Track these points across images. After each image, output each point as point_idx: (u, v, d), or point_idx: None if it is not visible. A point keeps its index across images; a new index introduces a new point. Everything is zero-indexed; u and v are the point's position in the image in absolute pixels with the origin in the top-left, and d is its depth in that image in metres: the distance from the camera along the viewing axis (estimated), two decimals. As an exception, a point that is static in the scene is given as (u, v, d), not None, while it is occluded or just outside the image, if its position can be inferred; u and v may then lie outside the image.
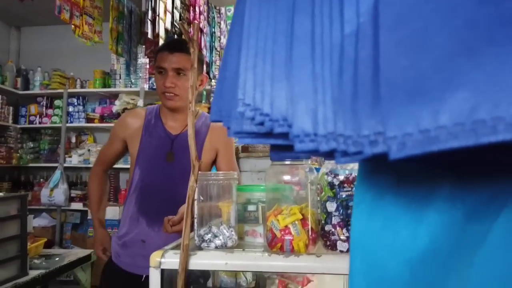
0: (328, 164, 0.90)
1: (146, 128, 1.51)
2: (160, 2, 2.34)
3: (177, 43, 1.52)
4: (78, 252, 2.36)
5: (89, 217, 3.68)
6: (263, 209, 0.96)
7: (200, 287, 1.07)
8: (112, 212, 3.61)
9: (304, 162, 0.88)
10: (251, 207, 0.98)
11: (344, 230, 0.83)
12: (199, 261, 0.83)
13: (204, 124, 1.52)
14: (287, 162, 0.88)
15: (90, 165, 4.05)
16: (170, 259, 0.84)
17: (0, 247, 1.69)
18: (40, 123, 4.32)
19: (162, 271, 0.84)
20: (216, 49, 3.49)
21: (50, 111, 4.32)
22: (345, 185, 0.84)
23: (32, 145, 4.33)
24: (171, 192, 1.41)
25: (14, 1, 2.53)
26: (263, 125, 0.29)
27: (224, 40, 3.43)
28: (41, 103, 4.37)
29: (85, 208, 3.90)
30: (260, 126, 0.29)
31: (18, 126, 4.30)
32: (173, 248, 0.90)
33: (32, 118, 4.33)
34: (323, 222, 0.87)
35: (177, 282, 0.81)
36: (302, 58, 0.26)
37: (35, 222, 3.81)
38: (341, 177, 0.85)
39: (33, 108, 4.34)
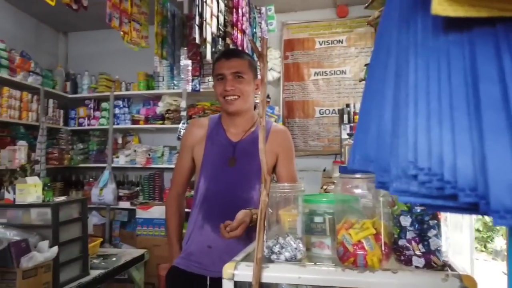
0: (399, 177, 0.88)
1: (209, 136, 1.56)
2: (207, 6, 2.38)
3: (233, 50, 1.56)
4: (132, 252, 2.45)
5: (137, 215, 3.82)
6: (330, 221, 0.96)
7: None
8: (158, 211, 3.73)
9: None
10: (317, 219, 0.97)
11: (420, 246, 0.81)
12: (272, 274, 0.84)
13: (266, 129, 1.53)
14: (357, 176, 0.87)
15: (137, 165, 4.20)
16: (243, 272, 0.86)
17: (65, 248, 1.79)
18: (88, 125, 4.51)
19: (235, 283, 0.86)
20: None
21: (97, 113, 4.50)
22: (420, 199, 0.82)
23: (81, 146, 4.54)
24: (233, 197, 1.44)
25: (61, 8, 2.66)
26: (443, 190, 0.28)
27: (267, 40, 3.43)
28: (89, 106, 4.56)
29: (133, 207, 4.04)
30: (438, 190, 0.29)
31: (69, 128, 4.51)
32: (243, 260, 0.92)
33: (81, 120, 4.53)
34: (396, 236, 0.85)
35: (252, 295, 0.82)
36: (496, 130, 0.26)
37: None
38: (415, 191, 0.83)
39: (81, 111, 4.54)
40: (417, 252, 0.81)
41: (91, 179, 4.46)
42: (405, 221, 0.83)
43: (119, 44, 3.20)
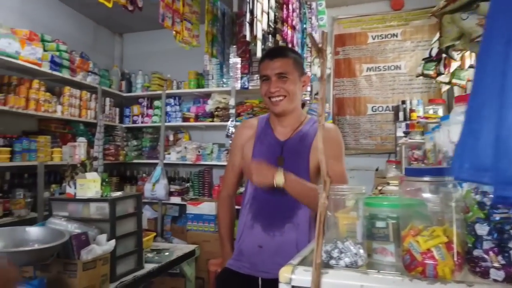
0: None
1: (258, 136, 1.56)
2: (258, 3, 2.36)
3: (277, 50, 1.54)
4: (183, 247, 2.50)
5: (188, 211, 3.91)
6: (393, 226, 0.90)
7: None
8: (208, 207, 3.78)
9: (446, 178, 0.80)
10: (380, 223, 0.92)
11: (499, 257, 0.73)
12: (332, 281, 0.80)
13: (312, 128, 1.51)
14: (425, 178, 0.80)
15: (187, 162, 4.29)
16: (301, 276, 0.82)
17: (121, 242, 1.85)
18: (142, 122, 4.68)
19: (292, 287, 0.83)
20: (307, 45, 3.44)
21: (150, 111, 4.65)
22: (499, 205, 0.74)
23: (135, 143, 4.72)
24: (282, 196, 1.41)
25: (117, 10, 2.75)
26: None
27: (316, 36, 3.35)
28: (142, 104, 4.73)
29: (183, 202, 4.14)
30: None
31: (124, 125, 4.71)
32: (299, 264, 0.88)
33: (135, 118, 4.71)
34: (470, 245, 0.77)
35: (310, 301, 0.78)
36: None
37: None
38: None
39: (135, 109, 4.71)
40: (496, 264, 0.73)
41: (144, 175, 4.63)
42: (482, 229, 0.75)
43: (171, 43, 3.27)
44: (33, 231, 1.56)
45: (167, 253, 2.24)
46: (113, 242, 1.72)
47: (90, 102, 4.12)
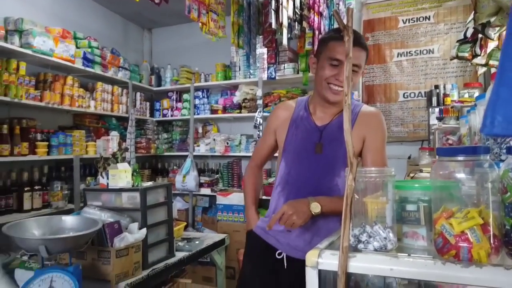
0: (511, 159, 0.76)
1: (294, 120, 1.51)
2: (283, -10, 2.32)
3: (358, 37, 1.37)
4: (213, 236, 2.52)
5: (218, 202, 3.95)
6: (425, 209, 0.86)
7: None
8: (237, 198, 3.81)
9: (482, 157, 0.75)
10: (410, 207, 0.88)
11: (541, 240, 0.68)
12: (360, 265, 0.78)
13: (353, 112, 1.43)
14: (459, 158, 0.76)
15: (216, 154, 4.33)
16: (328, 260, 0.81)
17: (153, 230, 1.88)
18: (171, 116, 4.75)
19: (319, 272, 0.81)
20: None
21: (179, 105, 4.72)
22: (541, 185, 0.69)
23: (166, 136, 4.81)
24: (317, 184, 1.40)
25: (146, 5, 2.76)
26: None
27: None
28: (172, 98, 4.80)
29: (213, 193, 4.18)
30: None
31: (154, 119, 4.80)
32: (327, 248, 0.87)
33: (165, 111, 4.79)
34: (508, 227, 0.73)
35: (338, 285, 0.77)
36: None
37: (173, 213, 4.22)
38: (534, 175, 0.70)
39: (165, 103, 4.79)
40: (537, 247, 0.69)
41: (175, 167, 4.71)
42: (521, 210, 0.71)
43: (198, 37, 3.29)
44: (69, 220, 1.62)
45: (197, 242, 2.27)
46: (144, 230, 1.76)
47: (121, 97, 4.22)
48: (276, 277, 1.46)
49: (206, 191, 4.30)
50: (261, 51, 4.03)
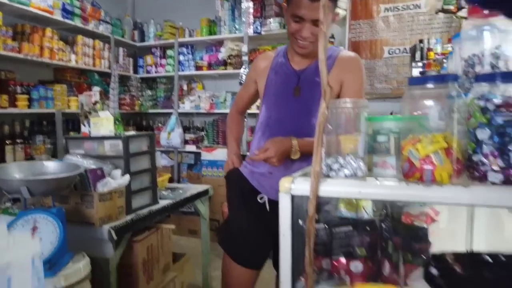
0: (478, 88, 0.78)
1: (273, 67, 1.54)
2: None
3: None
4: (197, 187, 2.57)
5: (202, 158, 3.98)
6: (395, 139, 0.89)
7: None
8: (222, 153, 3.84)
9: (449, 85, 0.78)
10: (381, 138, 0.91)
11: (499, 160, 0.72)
12: (330, 188, 0.82)
13: (331, 56, 1.46)
14: (429, 86, 0.78)
15: (201, 111, 4.32)
16: (300, 185, 0.84)
17: (136, 178, 1.91)
18: (155, 72, 4.67)
19: (292, 197, 0.85)
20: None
21: (163, 61, 4.63)
22: (503, 109, 0.72)
23: (150, 93, 4.75)
24: (296, 127, 1.42)
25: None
26: None
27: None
28: (155, 54, 4.69)
29: (198, 150, 4.21)
30: None
31: (138, 76, 4.72)
32: (300, 176, 0.90)
33: (148, 68, 4.70)
34: (470, 152, 0.77)
35: (308, 208, 0.80)
36: None
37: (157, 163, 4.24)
38: (497, 101, 0.73)
39: (149, 59, 4.69)
40: (495, 167, 0.73)
41: (160, 124, 4.69)
42: (483, 134, 0.74)
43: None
44: (51, 165, 1.62)
45: (181, 191, 2.31)
46: (127, 176, 1.78)
47: (103, 51, 4.11)
48: (259, 219, 1.51)
49: (191, 148, 4.33)
50: (247, 4, 3.93)
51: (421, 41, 3.32)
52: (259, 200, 1.51)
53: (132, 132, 1.97)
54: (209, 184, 3.69)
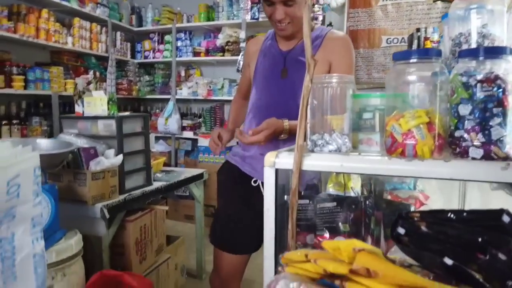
0: (462, 64, 0.79)
1: (262, 50, 1.55)
2: None
3: None
4: (192, 171, 2.58)
5: (199, 144, 3.99)
6: (380, 116, 0.90)
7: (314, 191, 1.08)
8: (218, 140, 3.85)
9: (433, 59, 0.78)
10: (367, 115, 0.92)
11: (480, 135, 0.73)
12: (313, 162, 0.83)
13: (318, 36, 1.45)
14: (412, 60, 0.79)
15: (199, 97, 4.31)
16: (285, 159, 0.85)
17: (130, 159, 1.92)
18: (153, 58, 4.65)
19: (276, 170, 0.86)
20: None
21: (161, 46, 4.61)
22: (485, 84, 0.73)
23: (148, 79, 4.74)
24: (285, 108, 1.42)
25: None
26: None
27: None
28: (153, 39, 4.67)
29: (196, 137, 4.21)
30: None
31: (136, 61, 4.70)
32: (285, 151, 0.91)
33: (146, 53, 4.68)
34: (452, 128, 0.78)
35: (292, 181, 0.82)
36: None
37: (154, 148, 4.26)
38: (479, 77, 0.74)
39: (147, 44, 4.67)
40: (476, 143, 0.74)
41: (157, 110, 4.69)
42: (465, 109, 0.75)
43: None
44: (44, 142, 1.63)
45: (175, 174, 2.32)
46: (120, 156, 1.80)
47: (100, 35, 4.09)
48: (252, 205, 1.51)
49: (188, 134, 4.33)
50: (245, -10, 3.91)
51: (418, 30, 3.30)
52: (253, 184, 1.51)
53: (126, 113, 1.97)
54: (205, 169, 3.72)
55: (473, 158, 0.74)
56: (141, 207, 2.03)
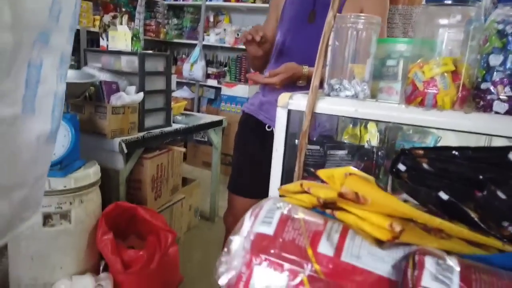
0: (500, 10, 0.72)
1: None
2: None
3: None
4: (212, 117, 2.59)
5: (222, 92, 3.98)
6: (405, 64, 0.85)
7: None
8: (242, 90, 3.82)
9: (469, 3, 0.72)
10: (390, 62, 0.88)
11: (507, 89, 0.68)
12: (327, 106, 0.80)
13: None
14: (448, 1, 0.73)
15: (226, 45, 4.23)
16: (298, 101, 0.83)
17: (152, 97, 1.93)
18: (183, 0, 4.54)
19: (289, 111, 0.84)
20: None
21: (192, -11, 4.49)
22: (523, 33, 0.67)
23: (176, 22, 4.66)
24: (310, 54, 1.36)
25: None
26: None
27: None
28: (185, -19, 4.54)
29: (219, 85, 4.19)
30: None
31: (166, 2, 4.61)
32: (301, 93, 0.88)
33: (176, -5, 4.58)
34: (479, 80, 0.73)
35: (303, 122, 0.80)
36: None
37: (178, 94, 4.28)
38: (518, 25, 0.68)
39: (178, -15, 4.55)
40: (502, 96, 0.69)
41: (183, 56, 4.66)
42: (496, 59, 0.70)
43: None
44: (68, 73, 1.65)
45: (195, 118, 2.34)
46: (141, 94, 1.81)
47: (131, -28, 4.00)
48: (267, 149, 1.50)
49: (213, 82, 4.31)
50: None
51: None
52: (267, 129, 1.51)
53: (149, 51, 1.96)
54: (226, 119, 3.74)
55: (496, 113, 0.70)
56: (158, 146, 2.07)
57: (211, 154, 2.71)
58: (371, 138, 1.15)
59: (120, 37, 1.84)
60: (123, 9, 3.41)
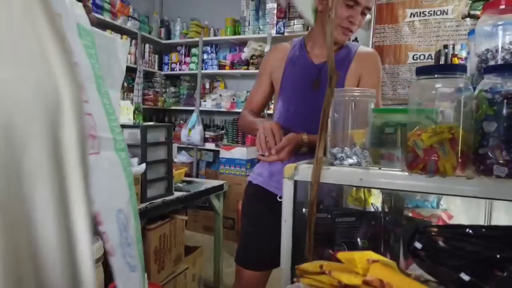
0: (487, 80, 0.77)
1: (290, 58, 1.49)
2: None
3: None
4: (213, 182, 2.60)
5: (221, 155, 4.02)
6: (402, 131, 0.89)
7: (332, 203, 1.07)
8: (240, 152, 3.87)
9: (457, 75, 0.77)
10: (388, 129, 0.91)
11: (504, 153, 0.71)
12: (333, 175, 0.82)
13: (350, 52, 1.44)
14: (437, 76, 0.78)
15: (222, 109, 4.37)
16: (303, 172, 0.85)
17: (153, 168, 1.95)
18: (179, 70, 4.76)
19: (295, 182, 0.86)
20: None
21: (188, 59, 4.71)
22: (510, 101, 0.71)
23: (173, 90, 4.84)
24: (315, 122, 1.38)
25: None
26: None
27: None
28: (180, 52, 4.78)
29: (217, 148, 4.25)
30: None
31: (162, 72, 4.82)
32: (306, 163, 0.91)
33: (173, 65, 4.80)
34: (476, 145, 0.76)
35: (310, 193, 0.81)
36: None
37: (177, 158, 4.32)
38: (505, 94, 0.72)
39: (174, 56, 4.79)
40: (500, 160, 0.72)
41: (181, 121, 4.77)
42: (489, 126, 0.73)
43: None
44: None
45: (196, 184, 2.35)
46: (143, 165, 1.83)
47: (130, 47, 4.22)
48: (277, 220, 1.46)
49: (210, 145, 4.38)
50: (272, 5, 3.96)
51: (445, 46, 3.25)
52: (278, 199, 1.47)
53: (151, 123, 2.02)
54: (225, 181, 3.74)
55: (497, 176, 0.72)
56: (161, 216, 2.05)
57: (211, 218, 2.68)
58: (375, 200, 1.17)
59: (123, 111, 1.90)
60: (123, 82, 3.55)
